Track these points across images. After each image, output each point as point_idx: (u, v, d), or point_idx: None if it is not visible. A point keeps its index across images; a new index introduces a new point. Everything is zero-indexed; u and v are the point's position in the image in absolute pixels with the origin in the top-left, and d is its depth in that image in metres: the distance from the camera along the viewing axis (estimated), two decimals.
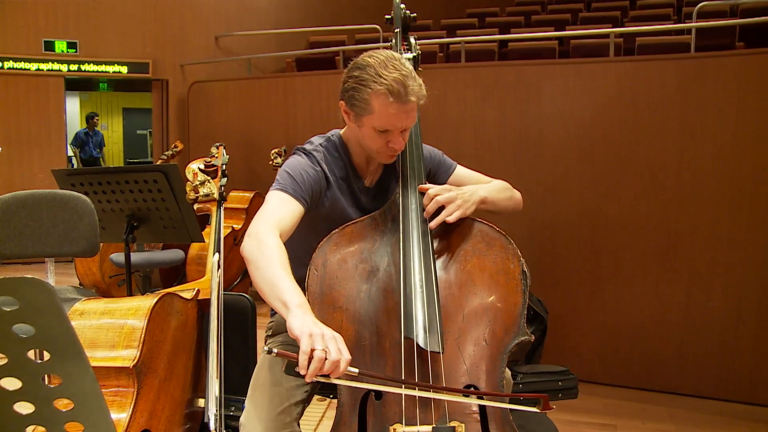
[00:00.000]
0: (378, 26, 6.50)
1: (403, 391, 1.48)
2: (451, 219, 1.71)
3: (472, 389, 1.54)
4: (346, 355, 1.34)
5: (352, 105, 1.71)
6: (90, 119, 10.46)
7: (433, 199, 1.73)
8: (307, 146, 1.85)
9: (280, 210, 1.67)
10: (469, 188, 1.82)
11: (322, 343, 1.32)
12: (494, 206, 1.88)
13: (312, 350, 1.30)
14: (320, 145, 1.85)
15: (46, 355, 0.87)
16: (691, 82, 3.58)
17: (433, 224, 1.71)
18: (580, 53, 5.36)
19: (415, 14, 2.08)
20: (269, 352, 1.32)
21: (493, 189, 1.90)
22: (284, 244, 1.93)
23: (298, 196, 1.70)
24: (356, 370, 1.38)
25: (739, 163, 3.45)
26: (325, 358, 1.30)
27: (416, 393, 1.47)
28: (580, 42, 5.52)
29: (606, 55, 4.92)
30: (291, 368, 1.32)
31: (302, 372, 1.30)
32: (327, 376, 1.33)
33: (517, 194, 1.99)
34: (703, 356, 3.59)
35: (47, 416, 0.90)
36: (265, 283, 1.49)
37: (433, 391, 1.48)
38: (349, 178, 1.85)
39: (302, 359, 1.30)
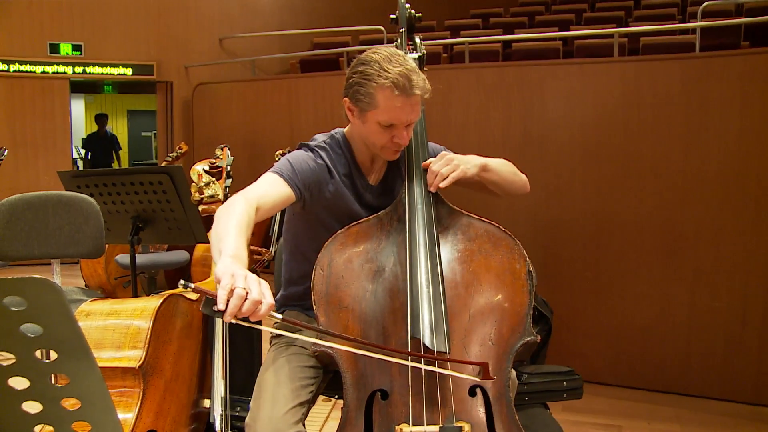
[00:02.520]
0: (382, 27, 6.51)
1: (320, 341, 1.50)
2: (446, 183, 1.73)
3: (478, 389, 1.54)
4: (269, 299, 1.29)
5: (357, 101, 1.72)
6: (97, 120, 9.74)
7: (436, 175, 1.75)
8: (311, 143, 1.87)
9: (265, 188, 1.69)
10: (471, 156, 1.85)
11: (244, 283, 1.28)
12: (498, 177, 1.89)
13: (232, 289, 1.27)
14: (324, 142, 1.87)
15: (54, 355, 0.87)
16: (695, 81, 3.57)
17: (432, 188, 1.74)
18: (584, 53, 5.35)
19: (420, 14, 2.08)
20: (185, 286, 1.26)
21: (497, 161, 1.92)
22: (289, 240, 1.95)
23: (290, 182, 1.71)
24: (280, 316, 1.35)
25: (744, 163, 3.45)
26: (246, 298, 1.26)
27: (373, 354, 1.47)
28: (584, 42, 5.52)
29: (610, 55, 4.91)
30: (209, 306, 1.26)
31: (220, 308, 1.25)
32: (248, 319, 1.28)
33: (523, 175, 2.00)
34: (708, 357, 3.58)
35: (55, 415, 0.91)
36: (215, 236, 1.49)
37: (380, 351, 1.48)
38: (352, 176, 1.86)
39: (221, 294, 1.25)
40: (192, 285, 1.26)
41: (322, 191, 1.79)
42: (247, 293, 1.27)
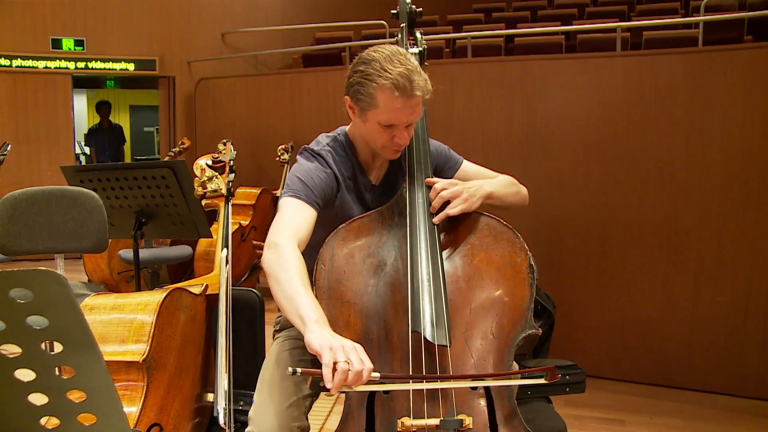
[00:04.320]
0: (384, 22, 6.50)
1: (424, 386, 1.49)
2: (453, 212, 1.72)
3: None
4: (368, 364, 1.33)
5: (357, 100, 1.71)
6: (99, 109, 8.43)
7: (438, 194, 1.73)
8: (315, 147, 1.85)
9: (295, 218, 1.67)
10: (476, 183, 1.82)
11: (344, 355, 1.31)
12: (501, 201, 1.88)
13: (334, 363, 1.30)
14: (327, 145, 1.85)
15: (59, 347, 0.88)
16: (698, 76, 3.56)
17: (436, 219, 1.72)
18: (586, 48, 5.34)
19: (420, 9, 2.08)
20: (293, 372, 1.32)
21: (500, 184, 1.90)
22: None
23: (311, 202, 1.71)
24: (378, 375, 1.39)
25: (747, 157, 3.44)
26: (348, 369, 1.30)
27: (438, 385, 1.49)
28: (587, 37, 5.50)
29: (613, 50, 4.90)
30: (316, 384, 1.34)
31: (328, 386, 1.30)
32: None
33: (524, 189, 1.99)
34: (710, 351, 3.59)
35: (60, 408, 0.91)
36: (283, 296, 1.50)
37: (453, 381, 1.49)
38: (356, 177, 1.86)
39: (326, 373, 1.30)
40: (299, 370, 1.31)
41: (332, 201, 1.80)
42: (348, 364, 1.30)
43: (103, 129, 8.39)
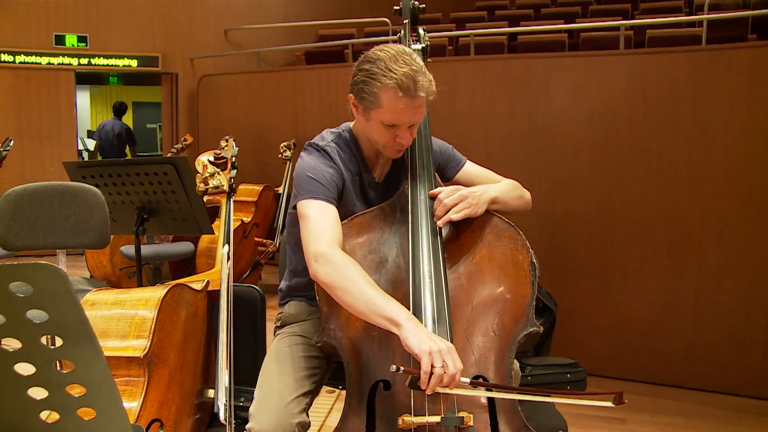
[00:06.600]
0: (387, 19, 6.49)
1: (504, 395, 1.52)
2: (457, 217, 1.71)
3: (480, 380, 1.54)
4: (459, 365, 1.41)
5: (361, 98, 1.71)
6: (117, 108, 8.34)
7: (442, 203, 1.72)
8: (320, 142, 1.84)
9: (327, 222, 1.67)
10: (480, 188, 1.81)
11: (440, 360, 1.38)
12: (505, 206, 1.87)
13: (432, 366, 1.37)
14: (332, 141, 1.85)
15: (59, 341, 0.88)
16: (702, 74, 3.55)
17: (440, 222, 1.71)
18: (589, 46, 5.33)
19: (423, 6, 2.08)
20: (397, 370, 1.39)
21: (504, 189, 1.89)
22: (293, 233, 1.95)
23: (330, 199, 1.71)
24: (467, 380, 1.44)
25: (750, 157, 3.43)
26: (444, 373, 1.37)
27: (518, 397, 1.52)
28: (590, 35, 5.49)
29: (616, 48, 4.89)
30: (414, 383, 1.41)
31: (423, 387, 1.39)
32: None
33: (527, 193, 1.98)
34: (712, 350, 3.58)
35: (60, 402, 0.91)
36: (361, 303, 1.51)
37: (530, 394, 1.52)
38: (360, 174, 1.86)
39: (424, 377, 1.38)
40: (402, 368, 1.40)
41: (340, 197, 1.80)
42: (444, 368, 1.38)
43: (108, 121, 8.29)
